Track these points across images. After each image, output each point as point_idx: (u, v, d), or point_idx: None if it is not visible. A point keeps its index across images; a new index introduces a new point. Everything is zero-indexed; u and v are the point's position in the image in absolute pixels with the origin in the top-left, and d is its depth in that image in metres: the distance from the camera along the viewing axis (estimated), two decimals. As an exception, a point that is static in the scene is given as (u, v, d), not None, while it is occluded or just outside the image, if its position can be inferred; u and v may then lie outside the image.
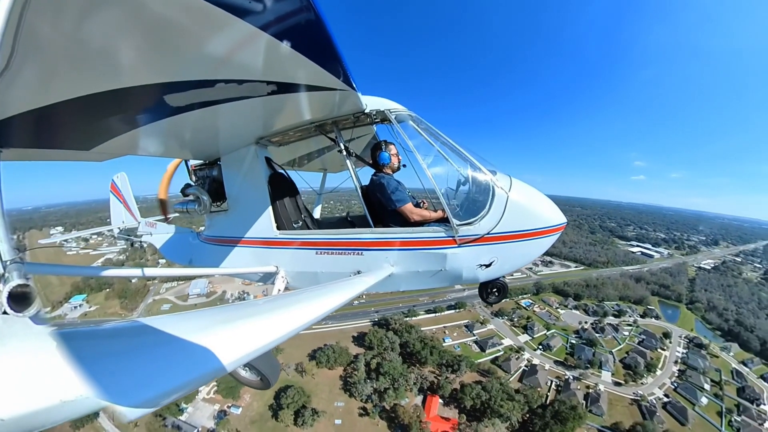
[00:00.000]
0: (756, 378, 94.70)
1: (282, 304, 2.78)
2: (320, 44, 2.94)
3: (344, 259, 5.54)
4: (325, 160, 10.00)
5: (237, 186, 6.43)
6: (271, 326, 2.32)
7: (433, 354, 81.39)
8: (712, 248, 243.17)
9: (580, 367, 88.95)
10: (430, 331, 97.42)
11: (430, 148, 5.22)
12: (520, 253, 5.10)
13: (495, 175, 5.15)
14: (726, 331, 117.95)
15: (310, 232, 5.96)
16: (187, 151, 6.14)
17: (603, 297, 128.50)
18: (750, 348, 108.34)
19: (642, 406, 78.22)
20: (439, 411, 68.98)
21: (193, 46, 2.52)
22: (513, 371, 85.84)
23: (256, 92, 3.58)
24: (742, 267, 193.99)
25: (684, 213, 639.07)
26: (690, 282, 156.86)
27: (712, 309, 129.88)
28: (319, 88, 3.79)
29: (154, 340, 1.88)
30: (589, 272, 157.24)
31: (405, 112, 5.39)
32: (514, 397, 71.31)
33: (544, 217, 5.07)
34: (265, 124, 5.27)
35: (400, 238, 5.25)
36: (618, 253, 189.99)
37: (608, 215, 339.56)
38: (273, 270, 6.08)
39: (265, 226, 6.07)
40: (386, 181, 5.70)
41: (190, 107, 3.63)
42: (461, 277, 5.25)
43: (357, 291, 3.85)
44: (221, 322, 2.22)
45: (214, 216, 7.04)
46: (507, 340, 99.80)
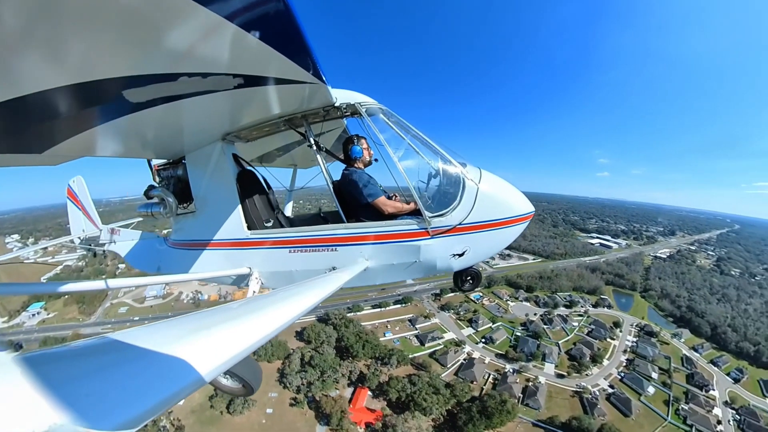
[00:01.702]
0: (706, 363, 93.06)
1: (257, 307, 2.72)
2: (289, 36, 2.78)
3: (318, 256, 5.43)
4: (294, 155, 9.62)
5: (204, 185, 6.05)
6: (248, 330, 2.28)
7: (365, 348, 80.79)
8: (669, 238, 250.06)
9: (522, 360, 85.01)
10: (372, 326, 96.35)
11: (401, 142, 5.20)
12: (491, 242, 5.23)
13: (465, 168, 5.25)
14: (678, 318, 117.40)
15: (282, 230, 5.70)
16: (149, 150, 5.70)
17: (556, 288, 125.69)
18: (701, 333, 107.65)
19: (583, 399, 74.10)
20: (366, 403, 69.30)
21: (153, 36, 2.33)
22: (449, 365, 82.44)
23: (221, 86, 3.38)
24: (696, 255, 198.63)
25: (644, 206, 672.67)
26: (645, 271, 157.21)
27: (665, 296, 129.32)
28: (287, 82, 3.61)
29: (128, 356, 1.81)
30: (546, 264, 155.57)
31: (375, 105, 5.35)
32: (440, 391, 68.71)
33: (513, 207, 5.23)
34: (232, 119, 5.01)
35: (374, 232, 5.22)
36: (577, 245, 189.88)
37: (573, 209, 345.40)
38: (246, 272, 5.86)
39: (235, 226, 5.80)
40: (358, 175, 5.70)
41: (151, 103, 3.40)
42: (435, 268, 5.32)
43: (333, 287, 3.83)
44: (196, 330, 2.13)
45: (181, 219, 6.58)
46: (450, 334, 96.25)
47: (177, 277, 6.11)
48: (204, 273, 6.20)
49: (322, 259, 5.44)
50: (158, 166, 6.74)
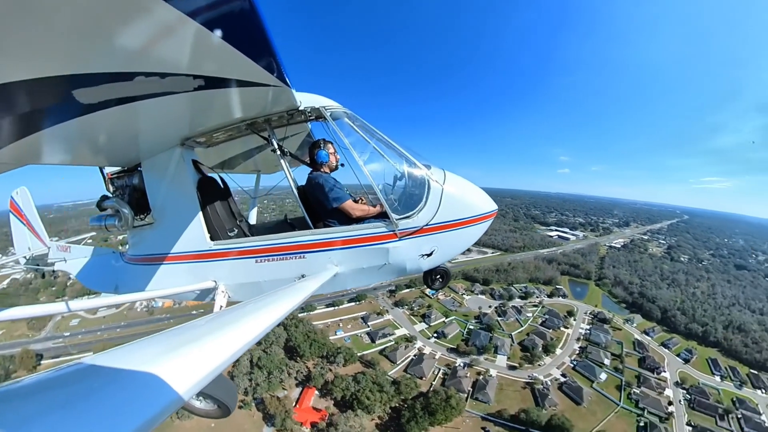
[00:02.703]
0: (657, 346, 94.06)
1: (226, 322, 2.61)
2: (254, 37, 2.68)
3: (286, 265, 5.29)
4: (258, 160, 9.25)
5: (162, 194, 5.70)
6: (219, 348, 2.20)
7: (312, 347, 78.90)
8: (624, 229, 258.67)
9: (473, 353, 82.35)
10: (325, 325, 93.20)
11: (366, 145, 5.17)
12: (458, 240, 5.29)
13: (430, 169, 5.32)
14: (630, 304, 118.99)
15: (247, 239, 5.47)
16: (101, 156, 5.38)
17: (512, 280, 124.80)
18: (652, 317, 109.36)
19: (535, 390, 72.04)
20: (313, 402, 68.00)
21: (107, 30, 2.15)
22: (399, 361, 79.46)
23: (181, 87, 3.20)
24: (648, 244, 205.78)
25: (602, 200, 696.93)
26: (600, 260, 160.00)
27: (618, 284, 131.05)
28: (251, 84, 3.48)
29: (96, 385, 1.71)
30: (504, 257, 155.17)
31: (340, 109, 5.26)
32: (384, 389, 66.25)
33: (477, 206, 5.35)
34: (192, 123, 4.78)
35: (342, 236, 5.17)
36: (535, 238, 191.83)
37: (534, 204, 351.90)
38: (211, 285, 5.56)
39: (197, 237, 5.50)
40: (324, 179, 5.57)
41: (104, 105, 3.19)
42: (405, 269, 5.34)
43: (303, 296, 3.78)
44: (165, 351, 2.03)
45: (138, 231, 6.18)
46: (402, 330, 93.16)
47: (137, 296, 5.58)
48: (166, 290, 5.66)
49: (291, 268, 5.26)
50: (112, 174, 6.25)
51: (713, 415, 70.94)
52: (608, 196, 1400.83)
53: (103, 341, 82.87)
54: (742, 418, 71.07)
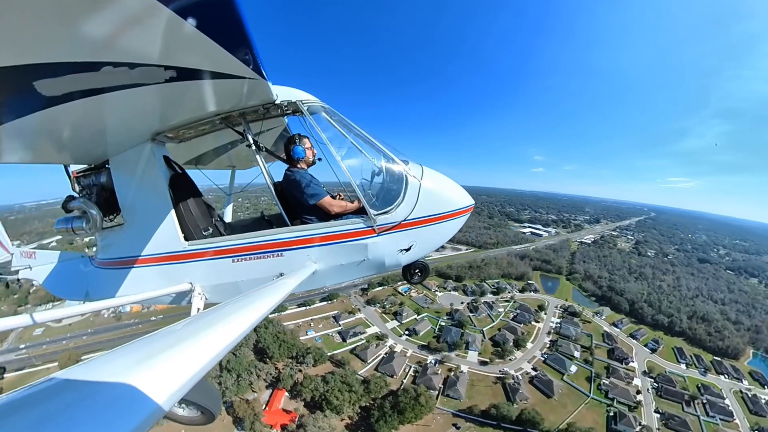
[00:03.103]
0: (626, 337, 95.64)
1: (204, 325, 2.48)
2: (230, 26, 2.57)
3: (264, 263, 5.14)
4: (232, 156, 8.89)
5: (132, 193, 5.40)
6: (198, 352, 2.11)
7: (282, 348, 76.64)
8: (594, 225, 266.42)
9: (444, 350, 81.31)
10: (296, 325, 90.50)
11: (344, 140, 5.10)
12: (435, 235, 5.31)
13: (408, 165, 5.31)
14: (600, 297, 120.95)
15: (223, 238, 5.27)
16: (65, 153, 5.04)
17: (485, 276, 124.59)
18: (621, 310, 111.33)
19: (506, 384, 71.39)
20: (283, 404, 66.31)
21: (72, 16, 2.02)
22: (370, 360, 77.62)
23: (151, 79, 3.04)
24: (617, 239, 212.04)
25: (575, 198, 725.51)
26: (571, 255, 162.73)
27: (588, 278, 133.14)
28: (225, 76, 3.34)
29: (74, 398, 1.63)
30: (478, 254, 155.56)
31: (318, 103, 5.16)
32: (353, 388, 64.50)
33: (454, 201, 5.38)
34: (163, 116, 4.54)
35: (320, 233, 5.07)
36: (509, 235, 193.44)
37: (509, 202, 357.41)
38: (187, 288, 5.33)
39: (170, 238, 5.24)
40: (300, 176, 5.45)
41: (68, 97, 3.01)
42: (384, 264, 5.29)
43: (281, 295, 3.65)
44: (142, 360, 1.93)
45: (107, 233, 5.85)
46: (374, 328, 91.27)
47: (109, 303, 5.05)
48: (140, 294, 5.22)
49: (269, 266, 5.14)
50: (78, 172, 5.89)
51: (680, 401, 72.40)
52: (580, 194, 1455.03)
53: (69, 350, 77.13)
54: (707, 403, 72.76)
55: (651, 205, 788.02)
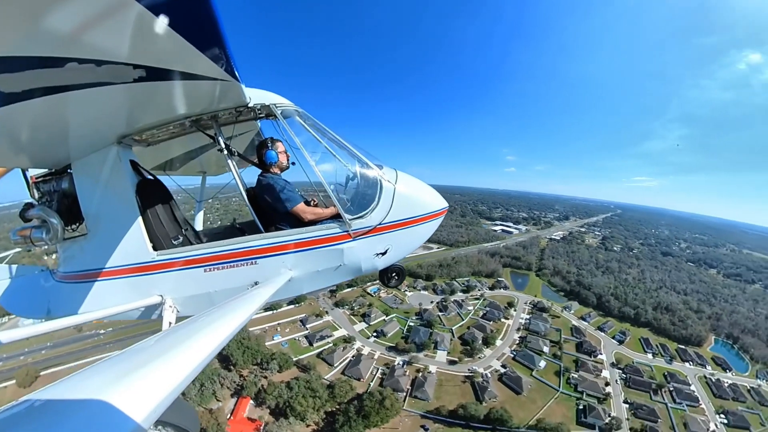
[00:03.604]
0: (594, 330, 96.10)
1: (177, 340, 2.36)
2: (203, 25, 2.48)
3: (238, 272, 4.95)
4: (203, 161, 8.66)
5: (96, 200, 5.05)
6: (173, 369, 2.01)
7: (246, 354, 73.43)
8: (563, 222, 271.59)
9: (413, 351, 79.03)
10: (262, 330, 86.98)
11: (318, 145, 5.03)
12: (411, 238, 5.36)
13: (382, 169, 5.30)
14: (568, 292, 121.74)
15: (194, 247, 5.01)
16: (23, 156, 4.77)
17: (455, 275, 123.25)
18: (588, 303, 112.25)
19: (474, 383, 69.79)
20: (248, 413, 63.77)
21: (35, 7, 1.90)
22: (337, 363, 74.76)
23: (119, 78, 2.87)
24: (585, 236, 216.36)
25: (545, 196, 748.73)
26: (541, 252, 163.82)
27: (557, 273, 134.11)
28: (197, 77, 3.21)
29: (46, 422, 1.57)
30: (449, 252, 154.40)
31: (291, 107, 5.06)
32: (317, 394, 62.47)
33: (428, 204, 5.46)
34: (130, 118, 4.31)
35: (295, 239, 4.95)
36: (480, 232, 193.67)
37: (482, 200, 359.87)
38: (157, 301, 5.02)
39: (138, 248, 4.92)
40: (274, 181, 5.35)
41: (28, 94, 2.78)
42: (361, 269, 5.27)
43: (257, 304, 3.55)
44: (116, 379, 1.83)
45: (70, 244, 5.47)
46: (341, 331, 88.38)
47: (74, 320, 4.77)
48: (106, 309, 4.94)
49: (243, 275, 4.96)
50: (37, 177, 5.63)
51: (647, 390, 73.17)
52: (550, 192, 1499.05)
53: (27, 366, 69.97)
54: (673, 390, 73.93)
55: (617, 203, 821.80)
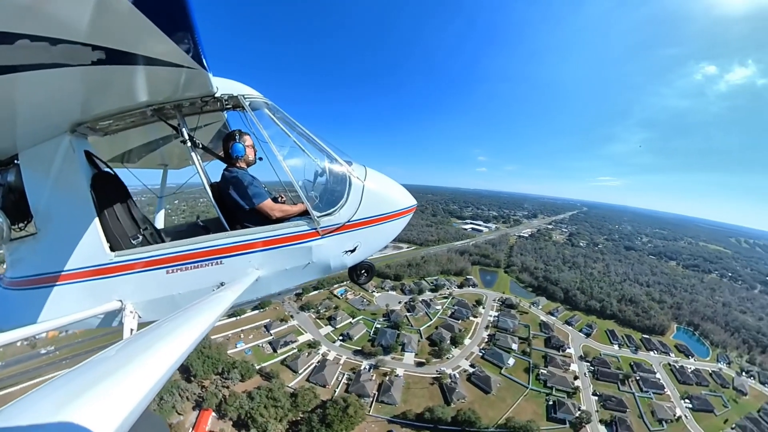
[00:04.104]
0: (562, 324, 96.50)
1: (140, 348, 2.22)
2: (171, 6, 2.37)
3: (202, 273, 4.70)
4: (165, 153, 8.12)
5: (47, 196, 4.57)
6: (138, 380, 1.88)
7: (206, 364, 69.19)
8: (532, 220, 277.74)
9: (379, 354, 76.04)
10: (225, 338, 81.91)
11: (287, 139, 4.84)
12: (379, 235, 5.35)
13: (351, 166, 5.26)
14: (536, 287, 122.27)
15: (154, 247, 4.68)
16: None
17: (424, 274, 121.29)
18: (556, 298, 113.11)
19: (443, 385, 67.48)
20: (211, 425, 60.40)
21: None
22: (301, 370, 71.02)
23: (75, 59, 2.60)
24: (552, 232, 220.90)
25: (515, 195, 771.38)
26: (509, 249, 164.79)
27: (525, 270, 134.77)
28: (162, 63, 3.01)
29: None
30: (419, 251, 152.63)
31: (260, 99, 4.83)
32: (279, 403, 59.34)
33: (397, 201, 5.47)
34: (86, 104, 3.94)
35: (262, 237, 4.78)
36: (450, 231, 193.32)
37: (453, 200, 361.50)
38: (117, 306, 4.65)
39: (93, 248, 4.50)
40: (240, 176, 5.10)
41: None
42: (330, 267, 5.23)
43: (223, 306, 3.39)
44: (77, 394, 1.69)
45: (17, 246, 4.89)
46: (306, 335, 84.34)
47: (24, 332, 4.17)
48: (62, 319, 4.43)
49: (208, 276, 4.72)
50: None
51: (615, 381, 73.61)
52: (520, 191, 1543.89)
53: None
54: (640, 379, 74.87)
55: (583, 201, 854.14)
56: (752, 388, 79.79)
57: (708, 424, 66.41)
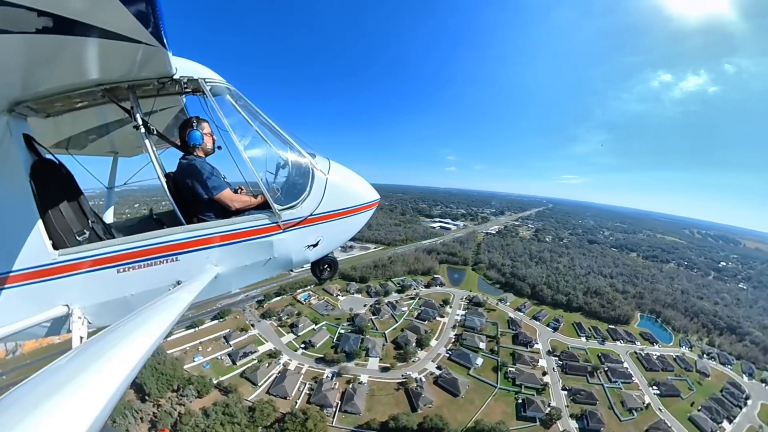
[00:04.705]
0: (529, 320, 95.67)
1: (93, 357, 2.00)
2: None
3: (157, 271, 4.33)
4: (115, 139, 7.31)
5: None
6: (93, 393, 1.72)
7: (161, 381, 64.11)
8: (499, 217, 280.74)
9: (342, 361, 72.11)
10: (182, 351, 75.84)
11: (248, 128, 4.65)
12: (342, 229, 5.35)
13: (314, 158, 5.15)
14: (504, 284, 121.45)
15: (104, 244, 4.21)
16: None
17: (391, 275, 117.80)
18: (523, 294, 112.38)
19: (408, 390, 64.23)
20: None
21: None
22: (261, 382, 66.21)
23: (17, 25, 2.26)
24: (519, 228, 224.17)
25: (483, 193, 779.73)
26: (477, 246, 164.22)
27: (492, 266, 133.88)
28: (117, 36, 2.74)
29: None
30: (387, 251, 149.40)
31: (222, 83, 4.58)
32: (235, 419, 55.56)
33: (361, 195, 5.47)
34: (27, 79, 3.47)
35: (220, 231, 4.53)
36: (418, 230, 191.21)
37: (423, 198, 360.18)
38: (63, 312, 4.15)
39: (34, 246, 3.97)
40: (198, 165, 4.80)
41: None
42: (292, 261, 5.14)
43: (181, 307, 3.15)
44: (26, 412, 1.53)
45: None
46: (268, 345, 79.21)
47: None
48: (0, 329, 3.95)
49: (163, 274, 4.37)
50: None
51: (584, 374, 73.05)
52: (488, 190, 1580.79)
53: None
54: (608, 370, 74.70)
55: (549, 198, 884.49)
56: (714, 369, 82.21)
57: (676, 409, 67.14)
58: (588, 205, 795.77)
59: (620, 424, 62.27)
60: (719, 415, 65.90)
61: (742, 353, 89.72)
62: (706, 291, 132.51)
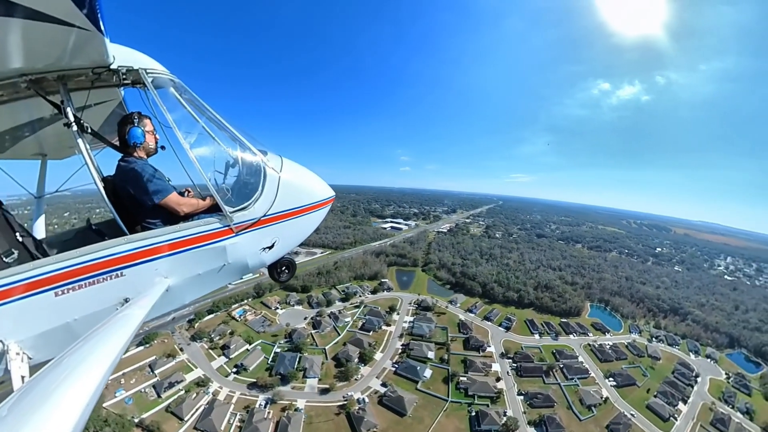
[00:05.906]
0: (481, 321, 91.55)
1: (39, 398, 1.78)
2: None
3: (101, 289, 3.78)
4: (43, 139, 6.30)
5: None
6: None
7: None
8: (451, 215, 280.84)
9: (277, 385, 63.60)
10: None
11: (195, 124, 4.29)
12: (298, 229, 5.14)
13: (266, 156, 4.89)
14: (454, 284, 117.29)
15: (36, 264, 3.59)
16: None
17: (335, 282, 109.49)
18: (474, 293, 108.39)
19: (350, 413, 56.92)
20: None
21: None
22: (187, 416, 56.78)
23: None
24: (470, 226, 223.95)
25: (437, 192, 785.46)
26: (428, 246, 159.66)
27: (442, 266, 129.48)
28: (45, 18, 2.46)
29: None
30: (334, 256, 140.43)
31: (166, 75, 4.16)
32: None
33: (315, 193, 5.30)
34: None
35: (169, 239, 4.13)
36: (368, 231, 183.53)
37: (376, 199, 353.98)
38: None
39: None
40: (139, 167, 4.34)
41: None
42: (248, 266, 4.85)
43: (132, 326, 2.90)
44: None
45: None
46: (197, 371, 68.66)
47: None
48: None
49: (108, 292, 3.84)
50: None
51: (540, 375, 70.28)
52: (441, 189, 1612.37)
53: None
54: (564, 367, 72.46)
55: (499, 195, 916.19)
56: (663, 352, 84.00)
57: (634, 398, 66.07)
58: (536, 201, 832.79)
59: (581, 424, 59.45)
60: (674, 398, 65.90)
61: (686, 332, 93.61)
62: (648, 276, 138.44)
